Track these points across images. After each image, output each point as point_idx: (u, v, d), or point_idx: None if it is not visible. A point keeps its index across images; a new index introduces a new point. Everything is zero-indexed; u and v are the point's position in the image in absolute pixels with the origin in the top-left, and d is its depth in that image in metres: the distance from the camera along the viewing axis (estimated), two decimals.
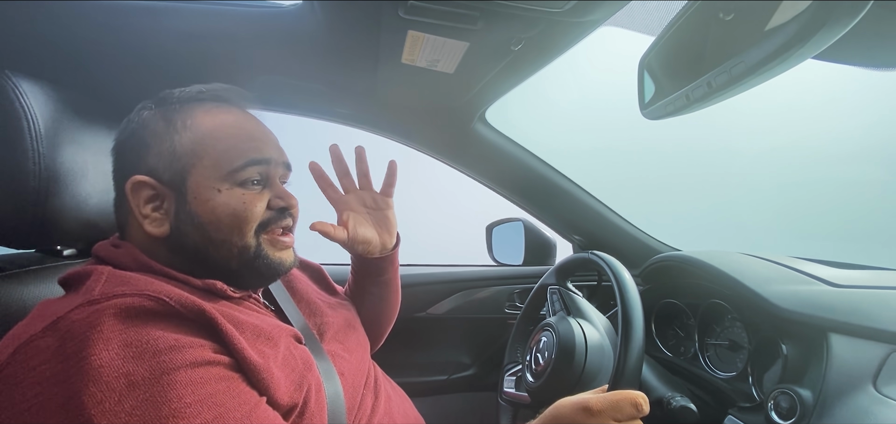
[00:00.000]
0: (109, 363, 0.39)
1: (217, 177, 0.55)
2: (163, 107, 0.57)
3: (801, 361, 0.69)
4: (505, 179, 1.23)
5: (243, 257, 0.56)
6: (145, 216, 0.54)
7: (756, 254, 0.92)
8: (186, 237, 0.54)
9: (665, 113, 0.51)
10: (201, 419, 0.41)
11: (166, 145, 0.54)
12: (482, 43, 0.69)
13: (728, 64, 0.38)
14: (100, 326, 0.41)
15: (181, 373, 0.42)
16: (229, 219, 0.55)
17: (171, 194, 0.54)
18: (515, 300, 1.34)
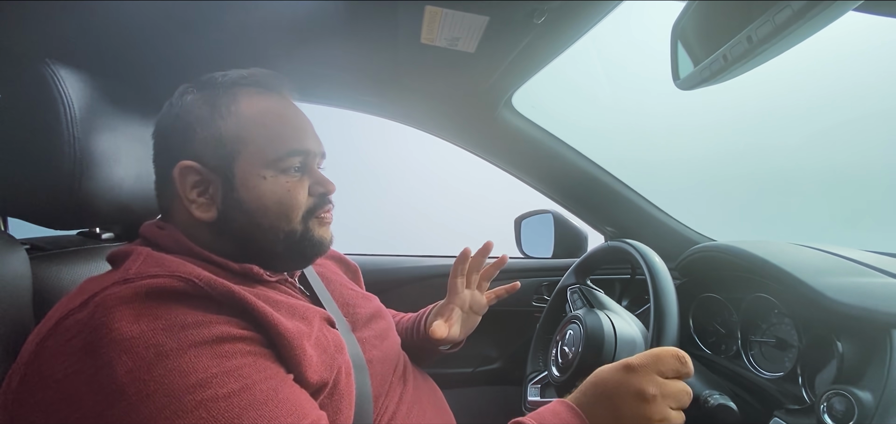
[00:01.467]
0: (140, 334, 0.40)
1: (262, 164, 0.56)
2: (205, 91, 0.58)
3: (860, 360, 0.62)
4: (533, 168, 1.19)
5: (289, 240, 0.58)
6: (192, 201, 0.55)
7: (806, 243, 0.85)
8: (233, 222, 0.55)
9: (700, 80, 0.47)
10: (227, 389, 0.42)
11: (212, 131, 0.55)
12: (502, 16, 0.66)
13: (771, 11, 0.34)
14: (131, 302, 0.42)
15: (208, 346, 0.43)
16: (276, 206, 0.56)
17: (218, 180, 0.55)
18: (543, 292, 1.30)
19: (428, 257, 1.37)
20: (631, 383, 0.52)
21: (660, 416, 0.50)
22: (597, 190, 1.18)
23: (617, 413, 0.51)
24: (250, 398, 0.43)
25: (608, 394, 0.52)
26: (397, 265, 1.32)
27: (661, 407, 0.51)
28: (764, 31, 0.35)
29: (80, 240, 0.75)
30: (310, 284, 0.70)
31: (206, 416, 0.40)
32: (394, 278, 1.30)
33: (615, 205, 1.19)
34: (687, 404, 0.53)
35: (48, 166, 0.59)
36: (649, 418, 0.50)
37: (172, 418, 0.39)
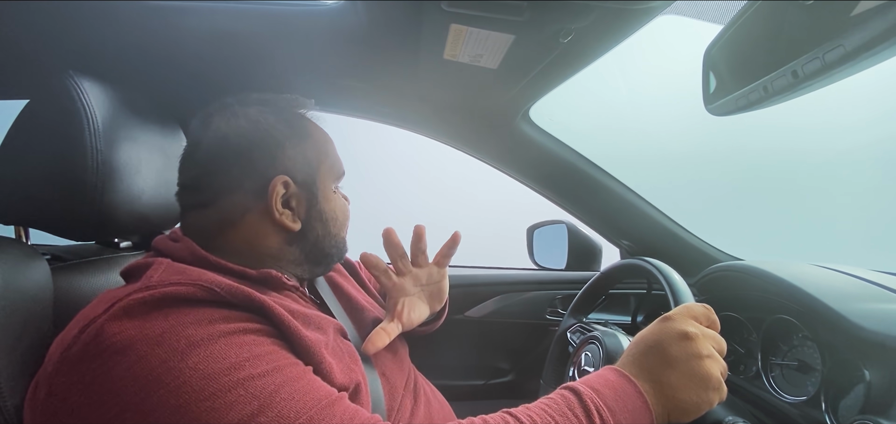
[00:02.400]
0: (169, 328, 0.42)
1: (332, 179, 0.65)
2: (274, 109, 0.62)
3: (888, 390, 0.61)
4: (549, 179, 1.18)
5: (341, 246, 0.67)
6: (281, 213, 0.58)
7: (832, 266, 0.83)
8: (313, 232, 0.62)
9: (736, 108, 0.46)
10: (260, 369, 0.43)
11: (299, 148, 0.60)
12: (529, 36, 0.65)
13: (820, 49, 0.33)
14: (158, 305, 0.43)
15: (236, 336, 0.45)
16: (342, 217, 0.66)
17: (303, 194, 0.60)
18: (557, 305, 1.29)
19: None
20: (672, 328, 0.53)
21: (707, 351, 0.52)
22: (613, 203, 1.16)
23: (665, 356, 0.51)
24: (283, 377, 0.44)
25: (652, 344, 0.53)
26: None
27: (705, 344, 0.52)
28: (811, 67, 0.34)
29: (98, 249, 0.76)
30: (318, 292, 0.70)
31: (243, 394, 0.41)
32: None
33: (632, 219, 1.18)
34: (724, 350, 0.55)
35: (72, 178, 0.59)
36: (698, 353, 0.51)
37: (211, 399, 0.40)
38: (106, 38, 0.79)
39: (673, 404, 0.50)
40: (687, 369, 0.50)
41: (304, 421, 0.42)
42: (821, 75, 0.34)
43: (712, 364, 0.52)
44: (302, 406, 0.43)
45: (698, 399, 0.50)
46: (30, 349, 0.52)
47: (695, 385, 0.50)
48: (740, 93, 0.44)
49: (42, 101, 0.62)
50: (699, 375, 0.50)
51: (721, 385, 0.52)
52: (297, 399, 0.43)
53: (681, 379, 0.50)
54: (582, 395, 0.48)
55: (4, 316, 0.50)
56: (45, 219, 0.62)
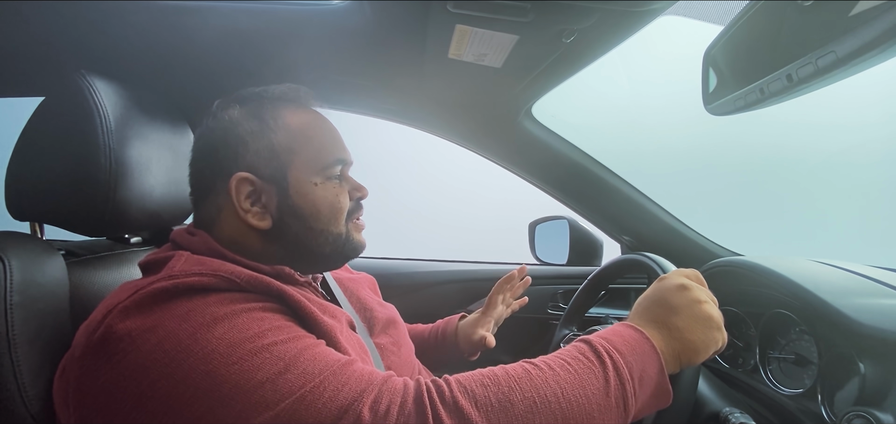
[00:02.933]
0: (194, 307, 0.44)
1: (313, 171, 0.60)
2: (249, 105, 0.61)
3: (883, 383, 0.62)
4: (551, 175, 1.19)
5: (337, 242, 0.62)
6: (247, 211, 0.58)
7: (830, 262, 0.84)
8: (289, 228, 0.59)
9: (734, 108, 0.47)
10: (283, 337, 0.45)
11: (264, 143, 0.58)
12: (532, 36, 0.66)
13: (813, 55, 0.34)
14: (181, 293, 0.46)
15: (257, 312, 0.47)
16: (327, 210, 0.61)
17: (272, 189, 0.58)
18: (558, 300, 1.31)
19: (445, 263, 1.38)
20: (669, 282, 0.58)
21: (705, 297, 0.56)
22: (614, 199, 1.18)
23: (669, 305, 0.55)
24: (303, 344, 0.46)
25: (655, 298, 0.57)
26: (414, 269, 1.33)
27: (702, 291, 0.57)
28: (805, 71, 0.35)
29: (110, 245, 0.77)
30: (330, 289, 0.73)
31: (268, 357, 0.43)
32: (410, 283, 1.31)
33: (633, 214, 1.19)
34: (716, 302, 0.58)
35: (86, 175, 0.61)
36: (698, 299, 0.55)
37: (239, 362, 0.42)
38: (117, 37, 0.80)
39: (682, 345, 0.53)
40: (690, 313, 0.54)
41: (327, 375, 0.44)
42: (814, 79, 0.35)
43: (711, 308, 0.56)
44: (323, 365, 0.45)
45: (705, 338, 0.54)
46: (49, 341, 0.54)
47: (700, 325, 0.54)
48: (738, 94, 0.45)
49: (56, 99, 0.64)
50: (702, 316, 0.54)
51: (722, 326, 0.56)
52: (319, 360, 0.45)
53: (687, 322, 0.54)
54: (592, 342, 0.51)
55: (24, 310, 0.52)
56: (60, 215, 0.64)
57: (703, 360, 0.54)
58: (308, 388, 0.42)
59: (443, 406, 0.43)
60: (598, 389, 0.46)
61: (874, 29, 0.30)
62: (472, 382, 0.46)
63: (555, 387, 0.45)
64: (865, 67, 0.32)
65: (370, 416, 0.42)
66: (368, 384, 0.44)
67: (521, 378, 0.46)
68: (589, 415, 0.45)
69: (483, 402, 0.44)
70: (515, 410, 0.43)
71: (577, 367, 0.48)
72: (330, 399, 0.42)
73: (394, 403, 0.43)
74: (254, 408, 0.41)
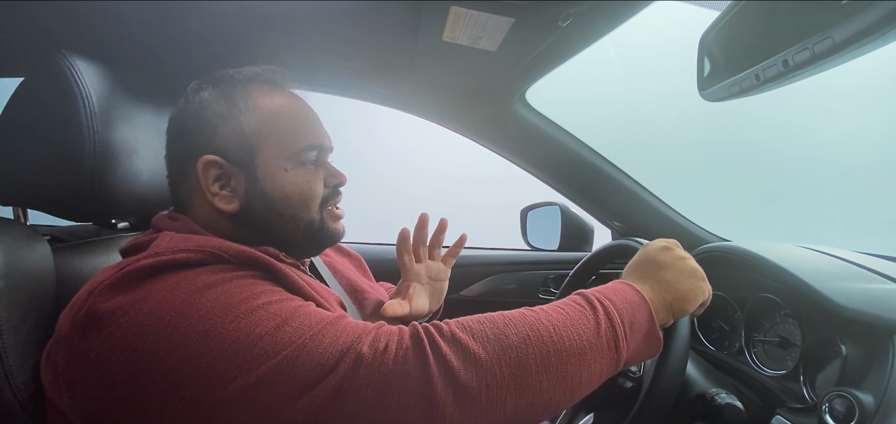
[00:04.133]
0: (184, 277, 0.44)
1: (283, 157, 0.58)
2: (222, 87, 0.59)
3: (863, 364, 0.65)
4: (543, 161, 1.19)
5: (309, 229, 0.61)
6: (214, 194, 0.57)
7: (815, 247, 0.86)
8: (256, 213, 0.58)
9: (728, 94, 0.47)
10: (274, 298, 0.46)
11: (233, 126, 0.57)
12: (528, 19, 0.66)
13: (809, 40, 0.35)
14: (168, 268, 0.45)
15: (248, 278, 0.47)
16: (297, 196, 0.59)
17: (240, 173, 0.57)
18: (549, 285, 1.32)
19: None
20: (653, 245, 0.62)
21: (686, 255, 0.60)
22: (606, 185, 1.18)
23: (656, 262, 0.59)
24: (296, 303, 0.47)
25: (642, 259, 0.61)
26: None
27: (682, 251, 0.61)
28: (801, 57, 0.36)
29: (96, 230, 0.76)
30: (318, 272, 0.72)
31: (264, 314, 0.44)
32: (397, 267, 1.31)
33: (624, 200, 1.20)
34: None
35: (69, 158, 0.59)
36: (681, 256, 0.59)
37: (235, 321, 0.42)
38: (99, 17, 0.77)
39: (672, 295, 0.56)
40: (677, 268, 0.58)
41: (324, 325, 0.45)
42: (810, 65, 0.35)
43: (694, 263, 0.60)
44: (319, 317, 0.46)
45: (694, 287, 0.57)
46: (35, 328, 0.53)
47: (687, 277, 0.58)
48: (733, 80, 0.46)
49: (36, 80, 0.61)
50: (688, 269, 0.58)
51: (706, 278, 0.60)
52: (314, 315, 0.46)
53: (675, 275, 0.57)
54: (584, 293, 0.53)
55: (9, 296, 0.51)
56: (44, 200, 0.62)
57: (692, 309, 0.58)
58: (308, 336, 0.43)
59: (441, 338, 0.45)
60: (589, 329, 0.48)
61: (871, 15, 0.30)
62: (469, 320, 0.48)
63: (547, 324, 0.47)
64: (862, 52, 0.32)
65: (370, 352, 0.43)
66: (364, 329, 0.45)
67: (515, 317, 0.48)
68: (581, 350, 0.47)
69: (480, 334, 0.45)
70: (510, 341, 0.45)
71: (570, 310, 0.50)
72: (330, 343, 0.43)
73: (392, 340, 0.44)
74: (256, 360, 0.41)
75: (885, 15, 0.29)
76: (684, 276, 0.58)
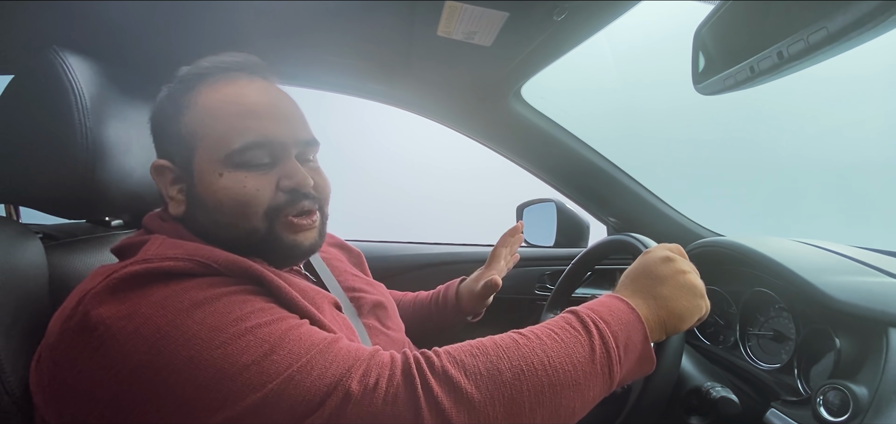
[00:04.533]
0: (171, 293, 0.43)
1: (217, 160, 0.52)
2: (178, 84, 0.57)
3: (856, 356, 0.65)
4: (539, 158, 1.19)
5: (252, 239, 0.54)
6: (171, 198, 0.56)
7: (810, 241, 0.87)
8: (196, 220, 0.55)
9: (723, 87, 0.47)
10: (266, 318, 0.44)
11: (174, 127, 0.55)
12: (523, 13, 0.66)
13: (804, 31, 0.35)
14: (156, 278, 0.44)
15: (238, 295, 0.45)
16: (231, 204, 0.52)
17: (184, 176, 0.55)
18: (546, 281, 1.32)
19: (432, 245, 1.38)
20: (653, 255, 0.59)
21: (687, 268, 0.58)
22: (601, 181, 1.19)
23: (654, 276, 0.57)
24: (287, 325, 0.45)
25: (640, 270, 0.58)
26: (401, 252, 1.33)
27: (685, 262, 0.59)
28: (796, 48, 0.36)
29: (90, 228, 0.75)
30: (315, 270, 0.71)
31: (253, 340, 0.42)
32: (397, 265, 1.31)
33: (619, 196, 1.20)
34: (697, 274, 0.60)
35: (62, 155, 0.59)
36: (682, 269, 0.57)
37: (222, 346, 0.41)
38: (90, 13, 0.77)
39: (667, 313, 0.55)
40: (675, 282, 0.56)
41: (314, 354, 0.43)
42: (805, 56, 0.35)
43: (695, 277, 0.58)
44: (309, 343, 0.44)
45: (690, 305, 0.55)
46: (29, 326, 0.52)
47: (685, 294, 0.56)
48: (728, 73, 0.46)
49: (27, 77, 0.61)
50: (686, 285, 0.56)
51: (705, 294, 0.58)
52: (305, 339, 0.44)
53: (672, 291, 0.55)
54: (579, 313, 0.51)
55: (2, 294, 0.50)
56: (36, 197, 0.62)
57: (687, 327, 0.56)
58: (295, 368, 0.42)
59: (432, 375, 0.43)
60: (584, 357, 0.47)
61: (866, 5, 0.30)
62: (462, 352, 0.46)
63: (542, 355, 0.46)
64: (857, 43, 0.32)
65: (359, 389, 0.41)
66: (356, 359, 0.44)
67: (509, 348, 0.46)
68: (575, 381, 0.46)
69: (472, 370, 0.44)
70: (503, 377, 0.44)
71: (564, 336, 0.48)
72: (318, 376, 0.42)
73: (382, 375, 0.43)
74: (240, 391, 0.40)
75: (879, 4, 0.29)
76: (682, 293, 0.55)
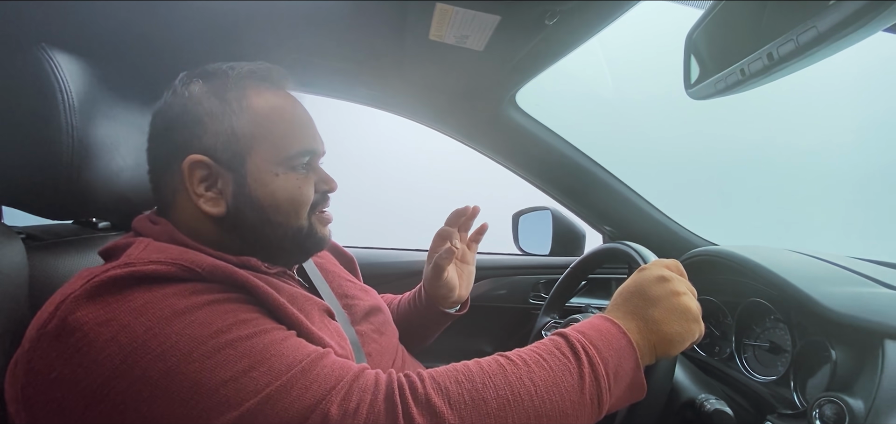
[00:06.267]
0: (152, 300, 0.42)
1: (275, 161, 0.56)
2: (213, 83, 0.57)
3: (852, 368, 0.64)
4: (534, 165, 1.19)
5: (297, 236, 0.59)
6: (200, 196, 0.54)
7: (806, 252, 0.86)
8: (244, 217, 0.56)
9: (715, 91, 0.47)
10: (248, 331, 0.43)
11: (224, 125, 0.55)
12: (514, 16, 0.65)
13: (794, 31, 0.34)
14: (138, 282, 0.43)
15: (220, 304, 0.44)
16: (287, 202, 0.57)
17: (229, 175, 0.55)
18: (540, 289, 1.31)
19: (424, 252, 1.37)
20: (649, 273, 0.58)
21: (683, 289, 0.57)
22: (597, 189, 1.18)
23: (647, 297, 0.55)
24: (271, 338, 0.44)
25: (634, 290, 0.57)
26: (394, 259, 1.32)
27: (681, 283, 0.57)
28: (786, 49, 0.35)
29: (76, 229, 0.74)
30: (307, 276, 0.71)
31: (233, 354, 0.41)
32: (391, 272, 1.30)
33: (615, 205, 1.20)
34: (695, 294, 0.59)
35: (47, 155, 0.58)
36: (676, 291, 0.55)
37: (201, 360, 0.40)
38: (80, 10, 0.76)
39: (658, 337, 0.54)
40: (668, 305, 0.54)
41: (295, 372, 0.42)
42: (795, 57, 0.35)
43: (690, 300, 0.56)
44: (293, 359, 0.43)
45: (682, 330, 0.54)
46: (6, 330, 0.51)
47: (677, 317, 0.54)
48: (719, 76, 0.45)
49: (13, 75, 0.60)
50: (680, 309, 0.55)
51: (699, 318, 0.56)
52: (288, 355, 0.43)
53: (664, 314, 0.54)
54: (569, 337, 0.50)
55: None
56: (19, 197, 0.61)
57: (677, 352, 0.55)
58: (274, 387, 0.41)
59: (415, 403, 0.42)
60: (572, 386, 0.46)
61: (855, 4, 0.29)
62: (446, 378, 0.45)
63: (529, 384, 0.45)
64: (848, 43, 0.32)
65: (338, 413, 0.41)
66: (338, 380, 0.43)
67: (495, 375, 0.45)
68: (562, 413, 0.45)
69: (456, 399, 0.43)
70: (488, 407, 0.43)
71: (553, 363, 0.47)
72: (297, 397, 0.41)
73: (364, 400, 0.42)
74: (216, 408, 0.39)
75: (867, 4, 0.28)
76: (674, 316, 0.54)
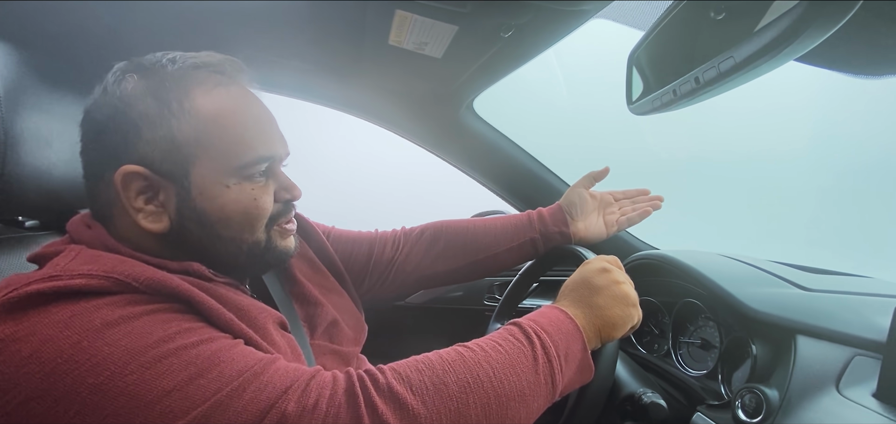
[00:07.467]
0: (80, 311, 0.38)
1: (225, 171, 0.49)
2: (151, 80, 0.48)
3: (769, 361, 0.71)
4: (490, 170, 1.22)
5: (253, 252, 0.53)
6: (138, 210, 0.48)
7: (734, 256, 0.94)
8: (190, 234, 0.50)
9: (651, 108, 0.51)
10: (192, 339, 0.40)
11: (162, 131, 0.47)
12: (471, 28, 0.67)
13: (716, 60, 0.38)
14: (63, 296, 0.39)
15: (161, 313, 0.41)
16: (240, 216, 0.51)
17: (171, 187, 0.48)
18: (494, 292, 1.34)
19: None
20: (592, 266, 0.63)
21: (623, 279, 0.62)
22: (549, 194, 1.23)
23: (591, 286, 0.60)
24: (219, 345, 0.41)
25: (579, 281, 0.62)
26: None
27: (621, 274, 0.63)
28: (709, 75, 0.39)
29: (1, 228, 0.68)
30: (262, 281, 0.65)
31: (177, 363, 0.38)
32: None
33: None
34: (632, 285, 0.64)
35: None
36: (617, 280, 0.61)
37: (138, 371, 0.36)
38: None
39: (603, 322, 0.58)
40: (610, 293, 0.59)
41: (247, 376, 0.40)
42: (716, 83, 0.39)
43: (629, 288, 0.62)
44: (243, 366, 0.40)
45: (623, 314, 0.59)
46: None
47: (619, 303, 0.59)
48: (656, 94, 0.49)
49: None
50: (621, 295, 0.60)
51: (638, 304, 0.62)
52: (238, 361, 0.41)
53: (607, 301, 0.59)
54: (522, 325, 0.53)
55: None
56: None
57: (620, 335, 0.60)
58: (225, 392, 0.38)
59: (377, 393, 0.42)
60: (527, 367, 0.49)
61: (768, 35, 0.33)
62: (407, 368, 0.45)
63: (487, 368, 0.47)
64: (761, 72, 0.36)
65: (296, 410, 0.39)
66: (294, 380, 0.41)
67: (454, 362, 0.46)
68: (520, 392, 0.47)
69: (418, 386, 0.43)
70: (450, 391, 0.44)
71: (508, 348, 0.49)
72: (251, 399, 0.38)
73: (323, 396, 0.41)
74: (157, 421, 0.36)
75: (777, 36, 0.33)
76: (616, 302, 0.59)
